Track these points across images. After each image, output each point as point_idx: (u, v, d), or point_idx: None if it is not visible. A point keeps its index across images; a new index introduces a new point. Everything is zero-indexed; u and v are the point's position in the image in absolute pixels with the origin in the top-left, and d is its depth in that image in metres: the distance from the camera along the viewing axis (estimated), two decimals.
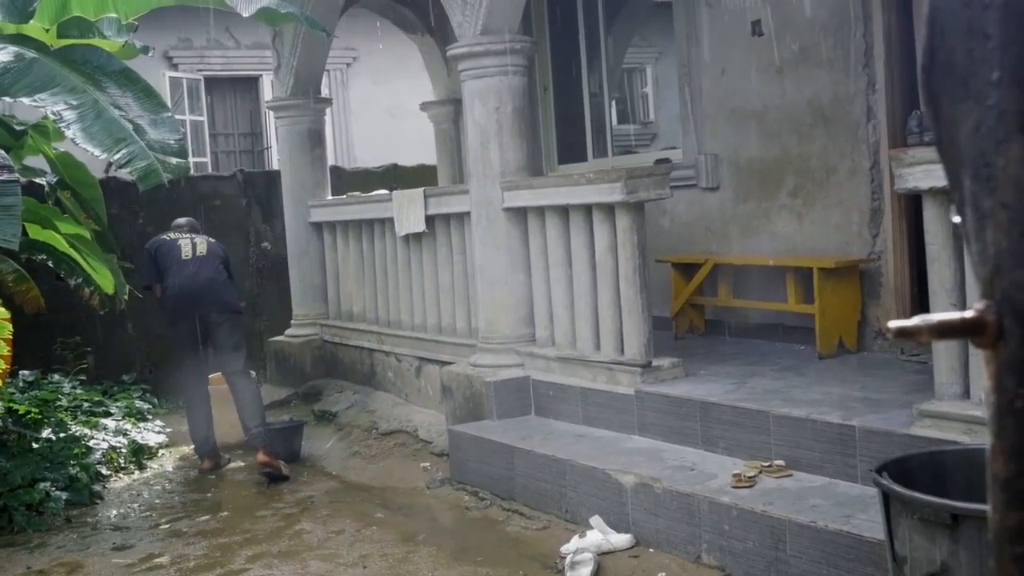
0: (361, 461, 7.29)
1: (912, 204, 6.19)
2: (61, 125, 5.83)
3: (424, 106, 11.24)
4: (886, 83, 6.37)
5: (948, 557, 2.92)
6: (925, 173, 4.32)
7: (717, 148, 7.60)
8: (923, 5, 5.19)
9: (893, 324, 0.98)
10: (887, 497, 3.13)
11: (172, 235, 7.55)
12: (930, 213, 4.43)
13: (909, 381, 5.50)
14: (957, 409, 4.31)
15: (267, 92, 14.33)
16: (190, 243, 7.44)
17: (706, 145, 7.69)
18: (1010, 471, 0.94)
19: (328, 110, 10.11)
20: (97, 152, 5.84)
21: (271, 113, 10.82)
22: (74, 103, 5.91)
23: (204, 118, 14.39)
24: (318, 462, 7.35)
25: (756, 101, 7.23)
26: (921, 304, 6.30)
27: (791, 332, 6.91)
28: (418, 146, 12.68)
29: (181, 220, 7.94)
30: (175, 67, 14.14)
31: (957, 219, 0.98)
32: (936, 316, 0.97)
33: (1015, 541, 0.92)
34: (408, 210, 7.88)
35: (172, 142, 6.19)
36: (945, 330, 0.96)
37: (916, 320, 0.97)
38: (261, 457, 6.95)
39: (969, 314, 0.94)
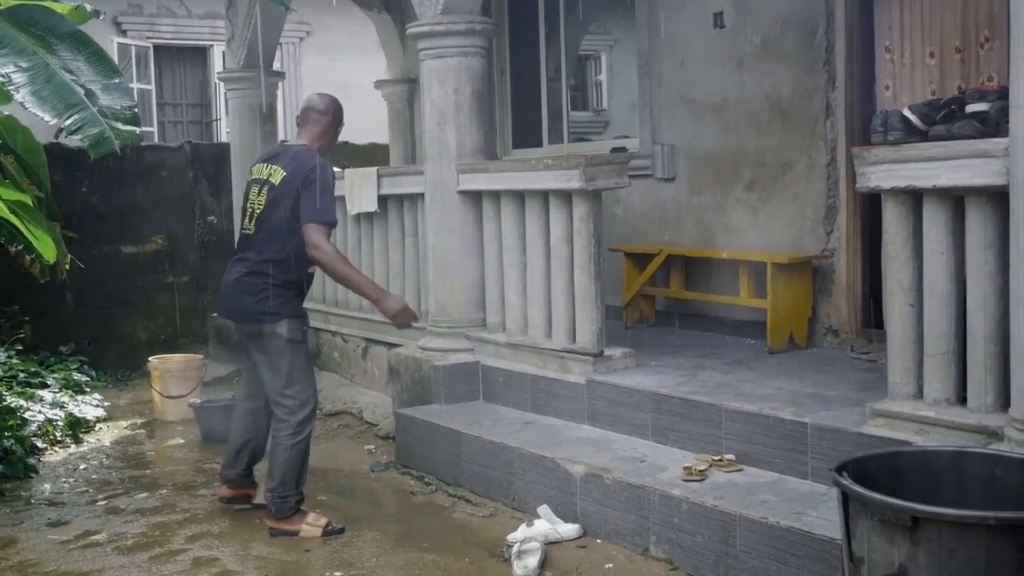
0: None
1: (867, 202, 6.22)
2: (10, 88, 5.62)
3: (378, 84, 11.10)
4: (846, 80, 6.39)
5: (907, 559, 2.91)
6: (888, 172, 4.32)
7: (674, 139, 7.58)
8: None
9: None
10: (846, 497, 3.11)
11: (255, 164, 5.60)
12: (890, 212, 4.42)
13: (859, 379, 5.52)
14: (910, 409, 4.32)
15: (218, 63, 14.11)
16: (257, 191, 5.40)
17: (663, 135, 7.67)
18: None
19: (280, 84, 9.95)
20: (48, 117, 5.65)
21: (222, 85, 10.65)
22: (24, 65, 5.70)
23: (152, 87, 14.13)
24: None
25: (715, 93, 7.22)
26: (872, 302, 6.34)
27: (741, 326, 6.92)
28: (370, 124, 12.51)
29: (308, 109, 5.61)
30: (124, 33, 13.86)
31: None
32: None
33: None
34: (360, 189, 7.78)
35: (124, 108, 6.01)
36: None
37: None
38: (266, 520, 5.44)
39: None
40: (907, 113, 4.52)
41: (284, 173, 5.31)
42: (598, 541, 4.89)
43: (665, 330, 7.43)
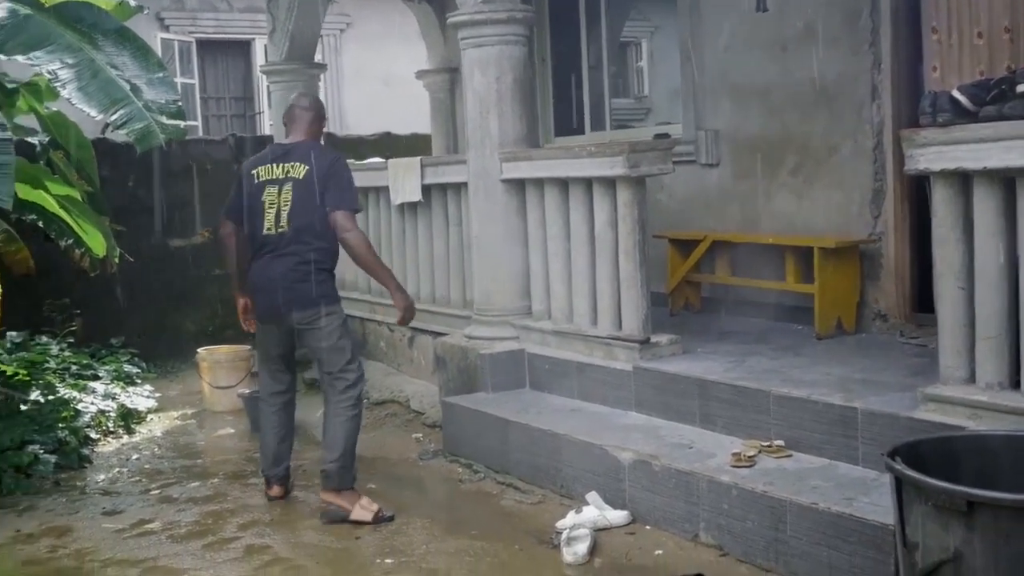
0: None
1: (914, 185, 6.16)
2: (57, 84, 5.72)
3: (419, 74, 11.13)
4: (892, 63, 6.32)
5: (962, 544, 2.89)
6: (937, 154, 4.27)
7: (718, 124, 7.54)
8: None
9: None
10: (899, 482, 3.09)
11: (261, 166, 5.63)
12: (939, 195, 4.38)
13: (909, 364, 5.48)
14: (962, 394, 4.28)
15: (260, 56, 14.21)
16: (276, 191, 5.52)
17: (706, 121, 7.63)
18: None
19: (321, 76, 10.00)
20: (94, 112, 5.74)
21: (264, 78, 10.73)
22: (70, 62, 5.79)
23: (195, 81, 14.26)
24: (309, 430, 7.27)
25: (759, 78, 7.17)
26: (921, 286, 6.29)
27: (789, 311, 6.88)
28: (411, 115, 12.57)
29: (294, 107, 5.80)
30: (167, 28, 13.99)
31: None
32: None
33: None
34: (404, 179, 7.80)
35: (169, 102, 6.09)
36: None
37: None
38: (322, 494, 5.56)
39: None
40: (956, 94, 4.46)
41: (307, 167, 5.51)
42: (647, 527, 4.90)
43: (711, 316, 7.40)
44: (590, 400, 6.05)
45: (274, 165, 5.59)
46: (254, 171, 5.66)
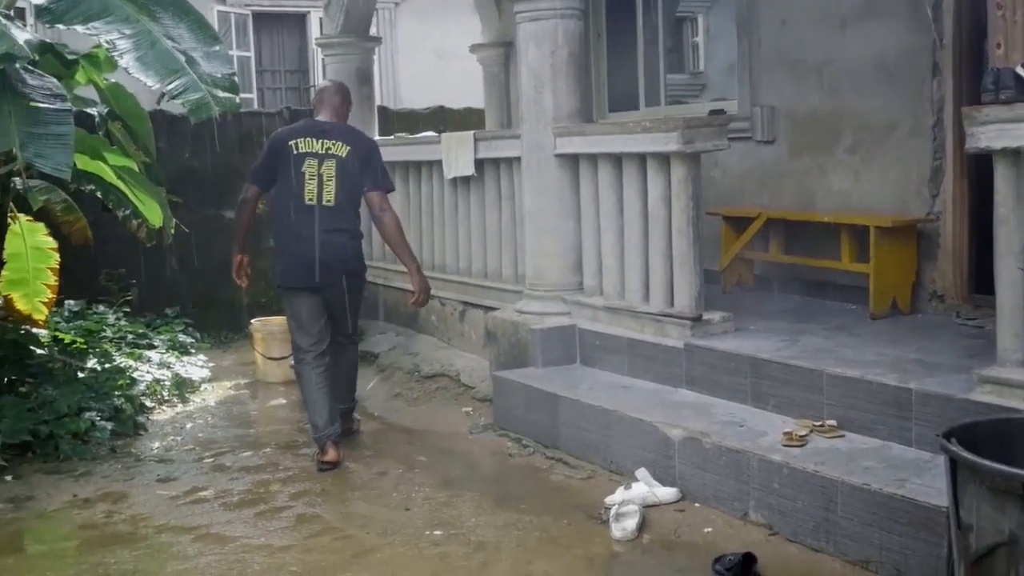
0: (403, 403, 7.29)
1: (974, 164, 6.05)
2: (114, 54, 5.79)
3: (473, 48, 11.10)
4: (954, 39, 6.20)
5: (1017, 527, 2.85)
6: (999, 132, 4.20)
7: (774, 101, 7.45)
8: None
9: None
10: (954, 464, 3.06)
11: (300, 138, 6.00)
12: (1001, 174, 4.30)
13: (966, 345, 5.40)
14: (1020, 376, 4.22)
15: (315, 29, 14.26)
16: (316, 163, 5.94)
17: (762, 97, 7.54)
18: None
19: (376, 49, 10.01)
20: (150, 82, 5.81)
21: (319, 51, 10.75)
22: (128, 32, 5.87)
23: (251, 54, 14.36)
24: (360, 403, 7.34)
25: (817, 54, 7.07)
26: (979, 267, 6.19)
27: (842, 291, 6.81)
28: (465, 89, 12.57)
29: (325, 91, 6.36)
30: (224, 1, 14.07)
31: None
32: None
33: None
34: (457, 153, 7.80)
35: (224, 76, 6.15)
36: None
37: None
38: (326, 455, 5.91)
39: None
40: (1020, 71, 4.38)
41: (348, 147, 6.01)
42: (696, 505, 4.89)
43: (764, 295, 7.34)
44: (640, 377, 6.04)
45: (314, 139, 6.00)
46: (292, 142, 6.01)
